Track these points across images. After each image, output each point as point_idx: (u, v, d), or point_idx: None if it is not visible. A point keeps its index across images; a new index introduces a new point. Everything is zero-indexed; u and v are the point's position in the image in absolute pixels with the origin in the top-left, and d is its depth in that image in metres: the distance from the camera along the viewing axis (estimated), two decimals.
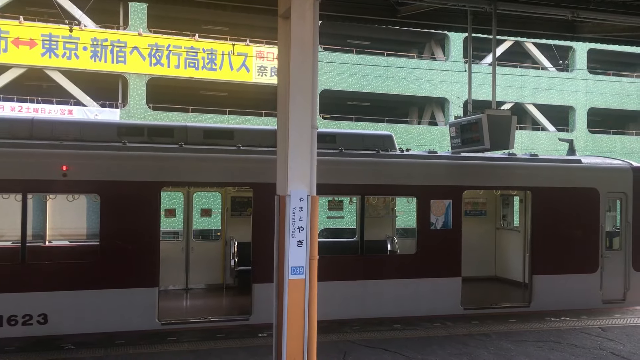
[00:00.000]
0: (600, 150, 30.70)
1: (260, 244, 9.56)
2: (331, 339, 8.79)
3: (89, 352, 8.05)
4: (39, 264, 9.35)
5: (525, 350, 8.53)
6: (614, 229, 12.37)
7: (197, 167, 9.78)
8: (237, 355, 7.99)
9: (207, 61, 25.34)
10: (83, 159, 9.23)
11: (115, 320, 9.11)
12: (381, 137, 11.52)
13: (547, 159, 12.09)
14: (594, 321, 10.45)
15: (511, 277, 13.43)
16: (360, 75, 27.63)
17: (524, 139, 29.28)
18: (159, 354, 8.04)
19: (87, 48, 23.77)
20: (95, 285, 9.09)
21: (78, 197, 11.02)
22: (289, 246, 6.13)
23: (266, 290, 8.81)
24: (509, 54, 30.84)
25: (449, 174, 11.06)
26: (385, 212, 13.02)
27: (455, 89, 28.96)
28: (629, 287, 11.92)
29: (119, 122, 17.51)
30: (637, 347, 8.80)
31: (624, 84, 32.60)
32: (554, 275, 11.39)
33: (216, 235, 18.24)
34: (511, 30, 11.34)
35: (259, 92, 26.71)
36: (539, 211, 11.42)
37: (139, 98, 24.76)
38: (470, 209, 13.85)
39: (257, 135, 10.73)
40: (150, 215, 9.41)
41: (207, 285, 12.39)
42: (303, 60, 6.24)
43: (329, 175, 9.74)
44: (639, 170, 12.25)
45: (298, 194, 6.15)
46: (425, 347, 8.57)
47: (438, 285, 10.72)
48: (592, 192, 11.73)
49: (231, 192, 12.51)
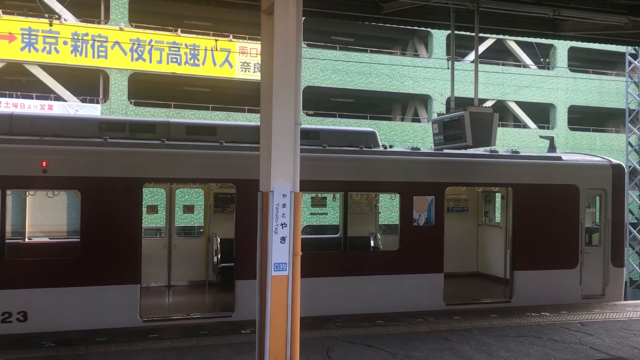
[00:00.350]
0: (580, 147, 31.07)
1: (243, 241, 9.54)
2: (314, 336, 8.80)
3: (70, 349, 7.97)
4: (19, 261, 9.23)
5: (506, 345, 8.62)
6: (594, 225, 12.54)
7: (179, 164, 9.72)
8: (219, 352, 7.96)
9: (189, 57, 25.16)
10: (63, 154, 9.12)
11: (97, 317, 9.02)
12: (364, 133, 11.54)
13: (528, 156, 12.20)
14: (574, 316, 10.59)
15: (493, 273, 13.55)
16: (343, 71, 27.63)
17: (505, 136, 29.53)
18: (141, 351, 7.98)
19: (68, 42, 23.46)
20: (76, 283, 9.00)
21: (58, 193, 10.89)
22: (272, 243, 6.12)
23: (249, 286, 8.80)
24: (491, 52, 31.04)
25: (432, 170, 11.12)
26: (368, 209, 13.07)
27: (438, 86, 29.09)
28: (607, 282, 12.09)
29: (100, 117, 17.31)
30: (616, 342, 8.93)
31: (604, 82, 33.01)
32: (535, 271, 11.52)
33: (199, 231, 18.17)
34: (493, 28, 11.42)
35: (242, 88, 26.60)
36: (520, 208, 11.53)
37: (121, 93, 24.52)
38: (452, 206, 13.94)
39: (240, 131, 10.69)
40: (132, 212, 9.34)
41: (189, 282, 12.33)
42: (286, 57, 6.22)
43: (312, 172, 9.74)
44: (618, 167, 12.43)
45: (281, 191, 6.13)
46: (408, 343, 8.61)
47: (421, 281, 10.78)
48: (572, 188, 11.87)
49: (214, 188, 12.45)
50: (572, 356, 8.18)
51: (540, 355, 8.20)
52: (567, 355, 8.23)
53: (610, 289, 12.12)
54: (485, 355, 8.13)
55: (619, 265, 12.22)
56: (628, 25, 10.34)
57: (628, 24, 10.24)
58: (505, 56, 32.64)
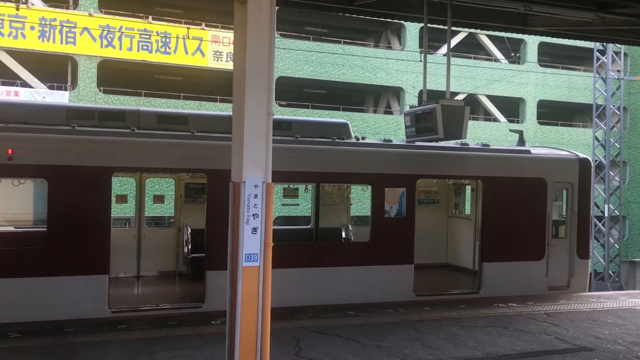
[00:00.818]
0: (548, 141, 31.60)
1: (215, 231, 9.48)
2: (285, 326, 8.81)
3: (36, 340, 7.84)
4: None
5: (474, 336, 8.76)
6: (560, 218, 12.78)
7: (149, 153, 9.60)
8: (190, 343, 7.92)
9: (161, 44, 24.78)
10: (30, 142, 8.93)
11: (64, 308, 8.89)
12: (337, 125, 11.55)
13: (498, 149, 12.37)
14: (540, 307, 10.80)
15: (462, 265, 13.73)
16: (317, 62, 27.57)
17: (476, 129, 29.85)
18: (109, 342, 7.89)
19: (35, 28, 22.89)
20: (43, 273, 8.84)
21: (24, 181, 10.66)
22: (243, 233, 6.09)
23: (220, 277, 8.75)
24: (463, 45, 31.30)
25: (404, 162, 11.19)
26: (340, 200, 13.10)
27: (410, 79, 29.25)
28: (573, 274, 12.35)
29: (68, 105, 16.97)
30: (580, 332, 9.14)
31: (573, 78, 33.57)
32: (503, 263, 11.71)
33: (169, 222, 17.99)
34: (465, 22, 11.49)
35: (215, 77, 26.35)
36: (490, 200, 11.69)
37: (89, 81, 24.06)
38: (423, 198, 14.06)
39: (212, 121, 10.59)
40: (101, 201, 9.20)
41: (159, 272, 12.22)
42: (259, 46, 6.18)
43: (285, 163, 9.71)
44: (585, 161, 12.68)
45: (253, 181, 6.11)
46: (378, 333, 8.69)
47: (391, 272, 10.87)
48: (540, 181, 12.08)
49: (185, 178, 12.34)
50: (538, 346, 8.35)
51: (507, 345, 8.35)
52: (533, 345, 8.40)
53: (576, 280, 12.38)
54: (453, 345, 8.25)
55: (584, 257, 12.49)
56: (596, 22, 10.52)
57: (596, 20, 10.42)
58: (476, 50, 32.96)
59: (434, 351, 7.95)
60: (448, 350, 8.02)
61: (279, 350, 7.60)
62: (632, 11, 9.98)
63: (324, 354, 7.67)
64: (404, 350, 7.95)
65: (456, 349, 8.09)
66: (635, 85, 33.13)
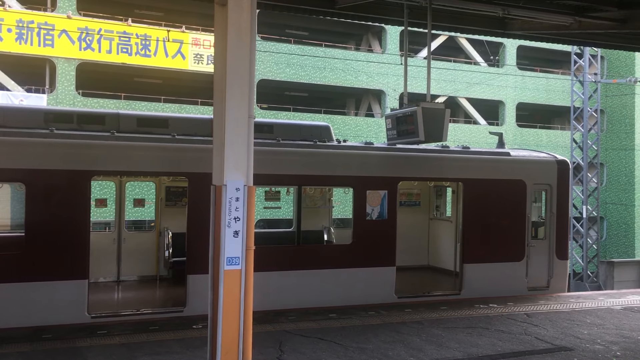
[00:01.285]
0: (527, 143, 31.94)
1: (196, 235, 9.42)
2: (267, 329, 8.79)
3: (14, 347, 7.72)
4: None
5: (456, 337, 8.81)
6: (539, 219, 12.92)
7: (129, 156, 9.52)
8: (171, 348, 7.86)
9: (140, 47, 24.59)
10: (6, 145, 8.79)
11: (42, 313, 8.76)
12: (318, 127, 11.57)
13: (478, 152, 12.47)
14: (520, 307, 10.90)
15: (443, 266, 13.81)
16: (298, 65, 27.58)
17: (456, 131, 30.08)
18: (89, 347, 7.80)
19: (12, 30, 22.59)
20: (21, 278, 8.71)
21: (1, 186, 10.50)
22: (224, 237, 6.07)
23: (201, 281, 8.70)
24: (443, 49, 31.53)
25: (385, 165, 11.23)
26: (322, 203, 13.10)
27: (391, 82, 29.38)
28: (552, 274, 12.50)
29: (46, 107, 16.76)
30: (560, 332, 9.25)
31: (550, 80, 33.99)
32: (483, 264, 11.80)
33: (150, 225, 17.84)
34: (445, 25, 11.60)
35: (195, 80, 26.21)
36: (470, 202, 11.78)
37: (68, 83, 23.78)
38: (405, 200, 14.13)
39: (192, 124, 10.54)
40: (80, 206, 9.10)
41: (139, 277, 12.11)
42: (240, 49, 6.16)
43: (266, 166, 9.71)
44: (563, 162, 12.84)
45: (234, 184, 6.09)
46: (360, 336, 8.70)
47: (373, 274, 10.90)
48: (519, 183, 12.20)
49: (166, 181, 12.25)
50: (518, 346, 8.43)
51: (488, 345, 8.41)
52: (513, 345, 8.48)
53: (555, 281, 12.53)
54: (435, 346, 8.30)
55: (563, 258, 12.64)
56: (574, 26, 10.68)
57: (574, 24, 10.57)
58: (456, 53, 33.22)
59: (416, 352, 7.99)
60: (430, 351, 8.06)
61: (261, 353, 7.58)
62: (608, 15, 10.15)
63: (307, 357, 7.66)
64: (386, 352, 7.97)
65: (438, 350, 8.13)
66: (612, 87, 33.66)
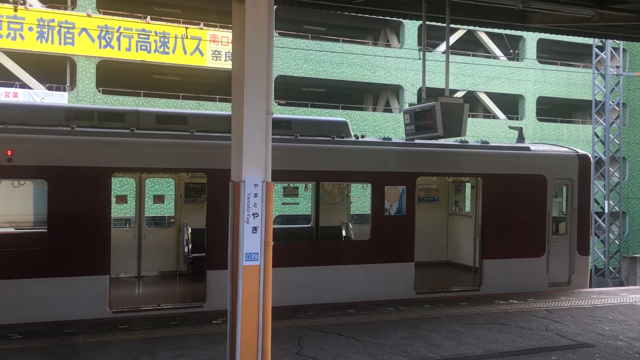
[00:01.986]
0: (548, 138, 31.60)
1: (215, 231, 9.48)
2: (286, 325, 8.82)
3: (37, 341, 7.84)
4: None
5: (475, 333, 8.76)
6: (560, 214, 12.79)
7: (149, 153, 9.59)
8: (191, 343, 7.92)
9: (159, 44, 24.76)
10: (29, 143, 8.92)
11: (65, 309, 8.89)
12: (336, 123, 11.55)
13: (498, 147, 12.36)
14: (541, 304, 10.80)
15: (462, 262, 13.74)
16: (315, 61, 27.55)
17: (475, 126, 29.86)
18: (110, 342, 7.89)
19: (33, 29, 22.87)
20: (44, 274, 8.85)
21: (24, 183, 10.65)
22: (243, 233, 6.09)
23: (220, 277, 8.77)
24: (462, 43, 31.29)
25: (403, 160, 11.19)
26: (340, 199, 13.10)
27: (409, 77, 29.24)
28: (573, 270, 12.36)
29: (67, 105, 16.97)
30: (581, 328, 9.15)
31: (571, 74, 33.57)
32: (503, 260, 11.71)
33: (169, 222, 17.99)
34: (464, 19, 11.50)
35: (213, 76, 26.33)
36: (490, 197, 11.69)
37: (88, 81, 24.04)
38: (423, 195, 14.07)
39: (211, 120, 10.59)
40: (101, 202, 9.20)
41: (160, 272, 12.22)
42: (258, 45, 6.17)
43: (284, 162, 9.72)
44: (584, 157, 12.67)
45: (253, 180, 6.10)
46: (379, 331, 8.69)
47: (392, 270, 10.87)
48: (539, 178, 12.07)
49: (185, 178, 12.34)
50: (539, 342, 8.36)
51: (507, 341, 8.35)
52: (533, 341, 8.40)
53: (576, 276, 12.39)
54: (454, 342, 8.26)
55: (584, 253, 12.50)
56: (595, 18, 10.51)
57: (595, 16, 10.41)
58: (475, 47, 32.94)
59: (435, 348, 7.96)
60: (449, 347, 8.03)
61: (280, 349, 7.61)
62: (631, 7, 9.98)
63: (325, 352, 7.68)
64: (405, 348, 7.96)
65: (457, 346, 8.10)
66: (634, 81, 33.14)
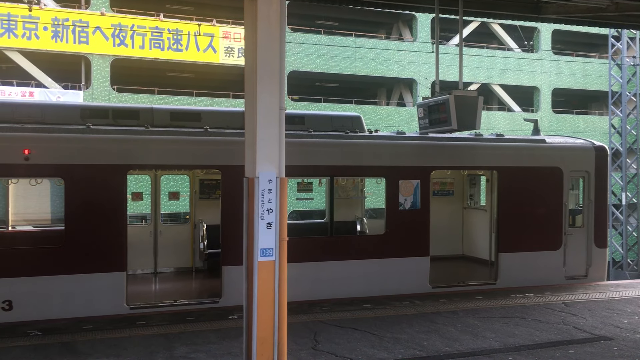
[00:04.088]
0: (564, 130, 31.30)
1: (230, 227, 9.52)
2: (301, 320, 8.85)
3: (56, 337, 7.94)
4: (3, 250, 9.15)
5: (492, 326, 8.73)
6: (577, 206, 12.67)
7: (164, 150, 9.65)
8: (207, 338, 7.98)
9: (172, 42, 24.88)
10: (46, 142, 9.02)
11: (83, 305, 8.99)
12: (350, 118, 11.53)
13: (513, 139, 12.27)
14: (558, 297, 10.73)
15: (478, 256, 13.67)
16: (328, 56, 27.51)
17: (490, 119, 29.66)
18: (128, 338, 7.97)
19: (48, 28, 23.08)
20: (61, 271, 8.95)
21: (41, 181, 10.77)
22: (258, 228, 6.11)
23: (236, 272, 8.81)
24: (475, 35, 31.05)
25: (417, 154, 11.15)
26: (354, 193, 13.09)
27: (423, 70, 29.09)
28: (590, 263, 12.25)
29: (83, 104, 17.11)
30: (599, 322, 9.08)
31: (587, 65, 33.19)
32: (519, 253, 11.64)
33: (185, 218, 18.10)
34: (477, 11, 11.39)
35: (227, 73, 26.40)
36: (505, 190, 11.61)
37: (103, 79, 24.22)
38: (438, 189, 14.01)
39: (224, 117, 10.62)
40: (117, 199, 9.28)
41: (176, 268, 12.31)
42: (270, 41, 6.17)
43: (298, 157, 9.73)
44: (601, 149, 12.54)
45: (267, 176, 6.11)
46: (395, 326, 8.69)
47: (407, 264, 10.85)
48: (555, 171, 11.97)
49: (199, 174, 12.40)
50: (556, 336, 8.30)
51: (525, 335, 8.31)
52: (551, 335, 8.35)
53: (593, 269, 12.28)
54: (471, 336, 8.23)
55: (601, 246, 12.38)
56: (610, 7, 10.37)
57: (610, 6, 10.26)
58: (489, 39, 32.68)
59: (451, 342, 7.94)
60: (466, 341, 8.00)
61: (296, 344, 7.63)
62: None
63: (341, 347, 7.69)
64: (421, 342, 7.95)
65: (474, 340, 8.07)
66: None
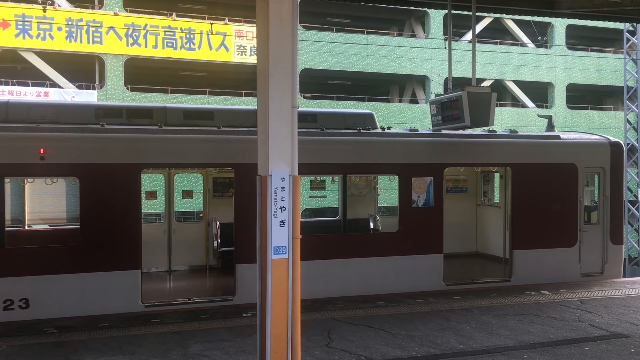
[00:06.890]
0: (578, 125, 31.02)
1: (243, 225, 9.56)
2: (315, 318, 8.86)
3: (72, 335, 8.02)
4: (19, 249, 9.26)
5: (506, 324, 8.68)
6: (592, 203, 12.56)
7: (177, 149, 9.70)
8: (221, 336, 8.01)
9: (185, 41, 24.98)
10: (61, 141, 9.10)
11: (98, 303, 9.07)
12: (362, 115, 11.51)
13: (527, 135, 12.19)
14: (573, 294, 10.65)
15: (492, 253, 13.60)
16: (340, 53, 27.48)
17: (503, 115, 29.47)
18: (143, 335, 8.03)
19: (62, 28, 23.28)
20: (77, 269, 9.04)
21: (57, 180, 10.87)
22: (271, 226, 6.12)
23: (249, 270, 8.84)
24: (488, 31, 30.85)
25: (430, 151, 11.11)
26: (367, 191, 13.08)
27: (435, 67, 28.96)
28: (606, 260, 12.15)
29: (97, 103, 17.25)
30: (615, 319, 9.00)
31: (602, 60, 32.85)
32: (534, 250, 11.56)
33: (198, 216, 18.19)
34: (490, 7, 11.33)
35: (239, 71, 26.47)
36: (519, 187, 11.54)
37: (117, 79, 24.40)
38: (451, 186, 13.96)
39: (237, 115, 10.66)
40: (131, 198, 9.34)
41: (190, 266, 12.38)
42: (282, 39, 6.17)
43: (311, 155, 9.73)
44: (617, 145, 12.42)
45: (279, 174, 6.12)
46: (409, 323, 8.67)
47: (420, 262, 10.83)
48: (570, 167, 11.87)
49: (212, 173, 12.45)
50: (572, 333, 8.25)
51: (540, 332, 8.26)
52: (566, 332, 8.30)
53: (609, 266, 12.17)
54: (485, 334, 8.20)
55: (617, 242, 12.26)
56: (625, 1, 10.26)
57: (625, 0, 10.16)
58: (502, 35, 32.45)
59: (466, 340, 7.91)
60: (480, 339, 7.97)
61: (310, 341, 7.65)
62: None
63: (355, 344, 7.69)
64: (435, 339, 7.93)
65: (488, 337, 8.04)
66: None
